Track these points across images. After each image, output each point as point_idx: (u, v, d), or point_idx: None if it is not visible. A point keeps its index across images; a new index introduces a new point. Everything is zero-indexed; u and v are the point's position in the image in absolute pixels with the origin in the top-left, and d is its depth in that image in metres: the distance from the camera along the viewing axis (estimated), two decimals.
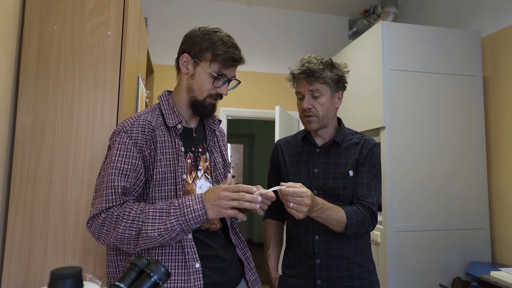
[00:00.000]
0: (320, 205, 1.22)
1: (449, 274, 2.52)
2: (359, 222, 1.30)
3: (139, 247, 1.03)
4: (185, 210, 1.02)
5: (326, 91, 1.40)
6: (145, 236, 1.01)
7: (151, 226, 1.01)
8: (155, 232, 1.00)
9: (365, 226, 1.33)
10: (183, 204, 1.03)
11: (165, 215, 1.02)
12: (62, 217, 1.45)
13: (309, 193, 1.15)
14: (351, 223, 1.28)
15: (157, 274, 0.66)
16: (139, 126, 1.13)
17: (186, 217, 1.02)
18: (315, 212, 1.21)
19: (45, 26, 1.51)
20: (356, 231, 1.31)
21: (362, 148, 1.44)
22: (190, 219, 1.02)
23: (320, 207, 1.21)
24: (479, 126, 2.70)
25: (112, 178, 1.06)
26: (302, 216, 1.16)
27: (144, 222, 1.01)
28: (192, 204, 1.03)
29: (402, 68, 2.62)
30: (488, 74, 2.77)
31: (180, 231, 1.02)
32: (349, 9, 4.21)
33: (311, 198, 1.16)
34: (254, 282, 1.29)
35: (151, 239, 1.01)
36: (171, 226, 1.01)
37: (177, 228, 1.01)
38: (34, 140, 1.47)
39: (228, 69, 1.19)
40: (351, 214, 1.29)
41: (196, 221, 1.02)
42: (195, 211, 1.02)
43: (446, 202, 2.57)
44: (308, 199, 1.14)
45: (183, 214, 1.02)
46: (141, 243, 1.02)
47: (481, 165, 2.67)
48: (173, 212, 1.02)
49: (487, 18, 2.82)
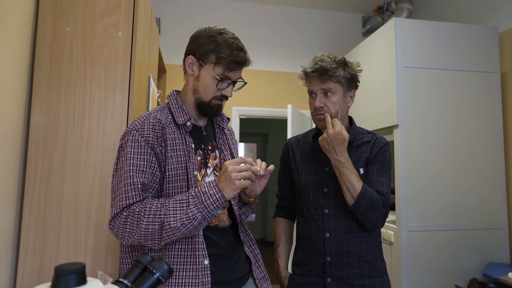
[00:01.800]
0: (349, 159, 1.31)
1: (465, 275, 2.46)
2: (371, 199, 1.29)
3: (164, 241, 1.04)
4: (203, 197, 1.03)
5: (339, 90, 1.39)
6: (168, 228, 1.02)
7: (173, 218, 1.02)
8: (177, 223, 1.02)
9: (376, 208, 1.30)
10: (199, 192, 1.05)
11: (185, 205, 1.03)
12: (74, 215, 1.49)
13: (346, 136, 1.30)
14: (364, 194, 1.28)
15: (160, 271, 0.66)
16: (149, 124, 1.15)
17: (205, 203, 1.03)
18: (341, 157, 1.30)
19: (57, 28, 1.55)
20: (366, 210, 1.29)
21: (373, 146, 1.43)
22: (209, 204, 1.03)
23: (347, 157, 1.31)
24: (496, 123, 2.62)
25: (131, 175, 1.07)
26: (335, 144, 1.29)
27: (166, 214, 1.02)
28: (207, 190, 1.04)
29: (416, 65, 2.57)
30: (506, 70, 2.70)
31: (202, 219, 1.04)
32: (363, 6, 4.16)
33: (347, 141, 1.31)
34: (262, 280, 1.29)
35: (174, 230, 1.02)
36: (192, 215, 1.02)
37: (198, 216, 1.02)
38: (47, 139, 1.50)
39: (232, 72, 1.18)
40: (367, 188, 1.30)
41: (215, 205, 1.03)
42: (211, 195, 1.03)
43: (462, 201, 2.52)
44: (346, 141, 1.30)
45: (202, 201, 1.03)
46: (165, 236, 1.03)
47: (499, 163, 2.60)
48: (191, 201, 1.03)
49: (505, 13, 2.74)
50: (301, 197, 1.48)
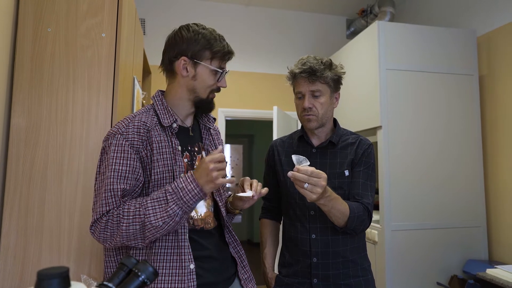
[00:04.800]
0: (329, 192, 1.22)
1: (446, 272, 2.52)
2: (360, 217, 1.32)
3: (148, 239, 1.04)
4: (181, 193, 1.03)
5: (326, 91, 1.41)
6: (150, 227, 1.02)
7: (153, 217, 1.01)
8: (159, 221, 1.01)
9: (364, 222, 1.35)
10: (176, 188, 1.04)
11: (163, 202, 1.03)
12: (57, 218, 1.46)
13: (325, 175, 1.16)
14: (353, 216, 1.29)
15: (145, 273, 0.66)
16: (134, 127, 1.12)
17: (183, 199, 1.03)
18: (324, 198, 1.20)
19: (39, 29, 1.52)
20: (355, 226, 1.32)
21: (357, 148, 1.45)
22: (189, 200, 1.03)
23: (328, 194, 1.22)
24: (475, 125, 2.70)
25: (111, 181, 1.06)
26: (316, 198, 1.15)
27: (145, 214, 1.02)
28: (185, 186, 1.03)
29: (399, 67, 2.63)
30: (484, 73, 2.78)
31: (183, 214, 1.04)
32: (347, 9, 4.21)
33: (326, 180, 1.16)
34: (247, 281, 1.29)
35: (157, 229, 1.02)
36: (173, 212, 1.02)
37: (179, 212, 1.03)
38: (28, 142, 1.47)
39: (225, 62, 1.23)
40: (353, 208, 1.31)
41: (195, 200, 1.04)
42: (190, 191, 1.03)
43: (443, 201, 2.58)
44: (324, 180, 1.15)
45: (180, 197, 1.03)
46: (148, 235, 1.03)
47: (477, 164, 2.67)
48: (170, 198, 1.03)
49: (483, 17, 2.82)
50: (287, 199, 1.49)
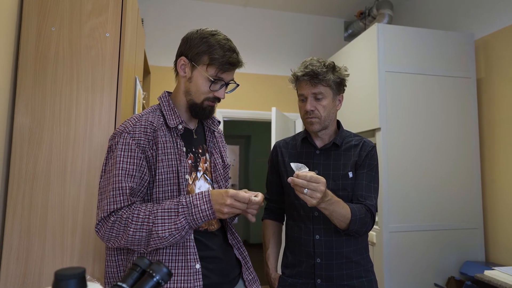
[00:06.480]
0: (330, 196, 1.23)
1: (443, 273, 2.55)
2: (362, 220, 1.32)
3: (150, 247, 1.05)
4: (193, 210, 1.05)
5: (329, 94, 1.42)
6: (156, 237, 1.03)
7: (161, 227, 1.02)
8: (165, 233, 1.02)
9: (366, 224, 1.36)
10: (191, 203, 1.06)
11: (174, 214, 1.04)
12: (60, 218, 1.46)
13: (324, 180, 1.16)
14: (355, 219, 1.30)
15: (159, 274, 0.66)
16: (141, 126, 1.13)
17: (194, 216, 1.05)
18: (325, 202, 1.21)
19: (42, 28, 1.51)
20: (358, 229, 1.33)
21: (361, 150, 1.46)
22: (198, 218, 1.05)
23: (329, 198, 1.22)
24: (473, 127, 2.73)
25: (119, 179, 1.06)
26: (315, 203, 1.16)
27: (154, 223, 1.03)
28: (199, 204, 1.05)
29: (397, 70, 2.65)
30: (482, 76, 2.81)
31: (189, 228, 1.06)
32: (345, 11, 4.24)
33: (325, 185, 1.17)
34: (252, 282, 1.30)
35: (162, 239, 1.03)
36: (181, 226, 1.04)
37: (186, 226, 1.05)
38: (32, 141, 1.47)
39: (225, 73, 1.18)
40: (355, 211, 1.32)
41: (203, 220, 1.06)
42: (202, 211, 1.05)
43: (441, 203, 2.60)
44: (323, 185, 1.15)
45: (191, 213, 1.05)
46: (152, 243, 1.04)
47: (475, 166, 2.70)
48: (181, 211, 1.04)
49: (480, 20, 2.86)
50: (291, 200, 1.50)
